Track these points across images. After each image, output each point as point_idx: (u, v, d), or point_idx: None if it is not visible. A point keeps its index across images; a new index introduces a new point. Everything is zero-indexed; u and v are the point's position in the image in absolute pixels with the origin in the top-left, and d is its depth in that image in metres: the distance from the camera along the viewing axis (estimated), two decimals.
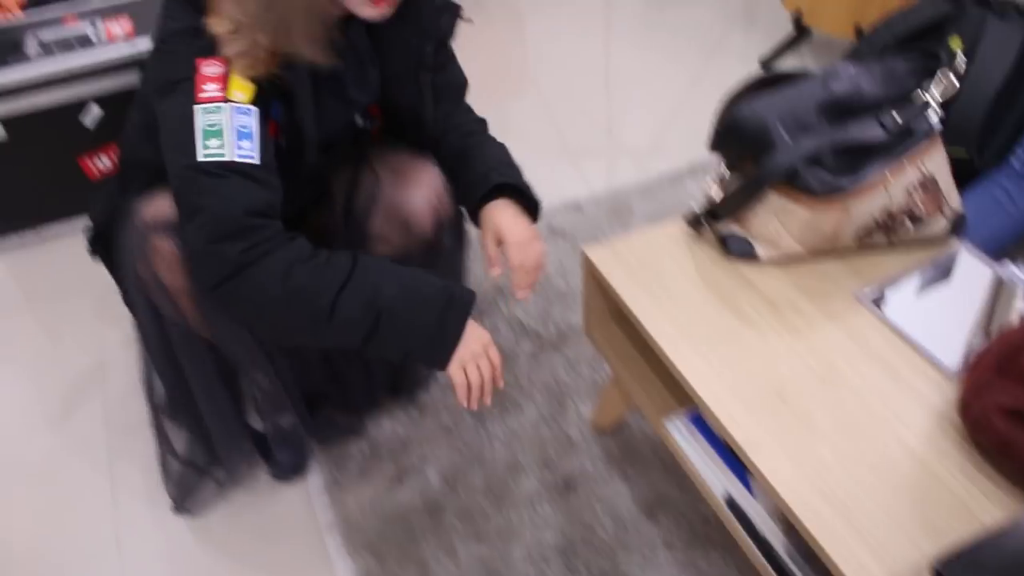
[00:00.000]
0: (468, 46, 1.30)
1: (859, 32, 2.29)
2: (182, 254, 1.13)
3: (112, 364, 1.72)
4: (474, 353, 1.16)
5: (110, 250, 1.31)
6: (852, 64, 1.23)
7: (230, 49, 1.07)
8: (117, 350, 1.74)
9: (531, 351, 1.63)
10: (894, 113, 1.19)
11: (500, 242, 1.27)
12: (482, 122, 1.41)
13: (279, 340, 1.23)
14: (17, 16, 2.12)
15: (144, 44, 1.86)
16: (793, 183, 1.16)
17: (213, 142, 1.06)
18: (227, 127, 1.07)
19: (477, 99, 1.43)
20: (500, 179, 1.30)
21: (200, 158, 1.05)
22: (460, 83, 1.41)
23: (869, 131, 1.19)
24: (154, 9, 1.98)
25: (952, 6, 1.81)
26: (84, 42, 1.88)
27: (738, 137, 1.20)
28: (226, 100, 1.07)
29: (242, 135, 1.07)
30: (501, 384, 1.21)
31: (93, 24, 1.93)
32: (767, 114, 1.17)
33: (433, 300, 1.13)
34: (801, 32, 2.54)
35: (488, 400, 1.20)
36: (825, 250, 1.24)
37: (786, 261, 1.24)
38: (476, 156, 1.34)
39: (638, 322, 1.16)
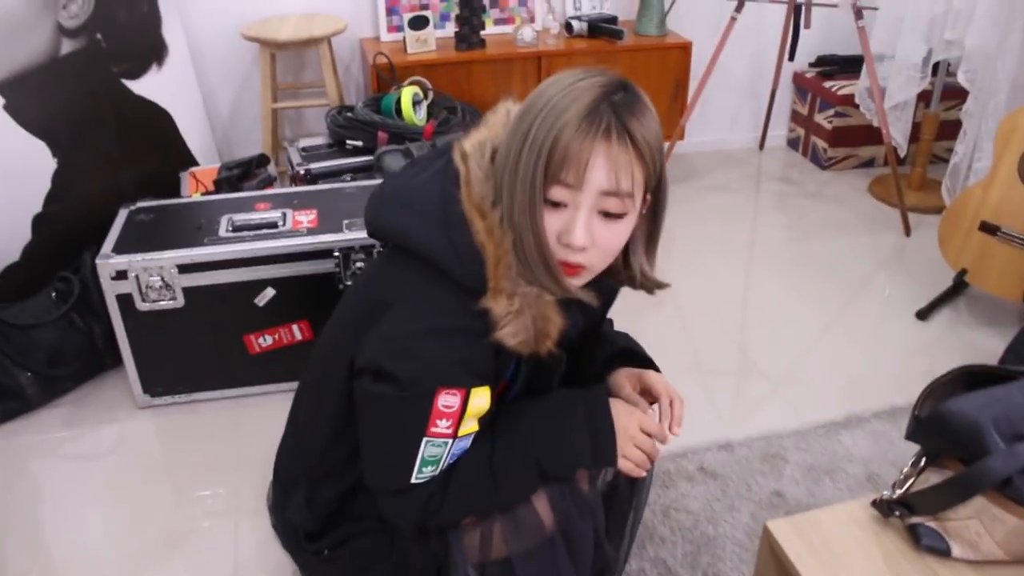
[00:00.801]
0: None
1: None
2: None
3: (241, 531, 1.71)
4: (630, 436, 1.17)
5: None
6: None
7: (510, 330, 1.04)
8: (246, 516, 1.74)
9: None
10: None
11: (639, 387, 1.30)
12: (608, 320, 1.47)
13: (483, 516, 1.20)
14: (209, 191, 2.29)
15: (327, 237, 1.95)
16: (1004, 491, 1.09)
17: (428, 469, 1.10)
18: (447, 455, 1.10)
19: (615, 306, 1.44)
20: (626, 343, 1.37)
21: (413, 481, 1.09)
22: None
23: None
24: (341, 204, 2.14)
25: None
26: (272, 228, 1.99)
27: (946, 434, 1.15)
28: (455, 436, 1.08)
29: (458, 454, 1.12)
30: (677, 430, 1.23)
31: (283, 212, 2.05)
32: (981, 416, 1.11)
33: (574, 416, 1.15)
34: (958, 286, 2.50)
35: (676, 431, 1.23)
36: None
37: (983, 563, 1.15)
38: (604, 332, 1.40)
39: None
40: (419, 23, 2.79)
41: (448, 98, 2.71)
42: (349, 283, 1.98)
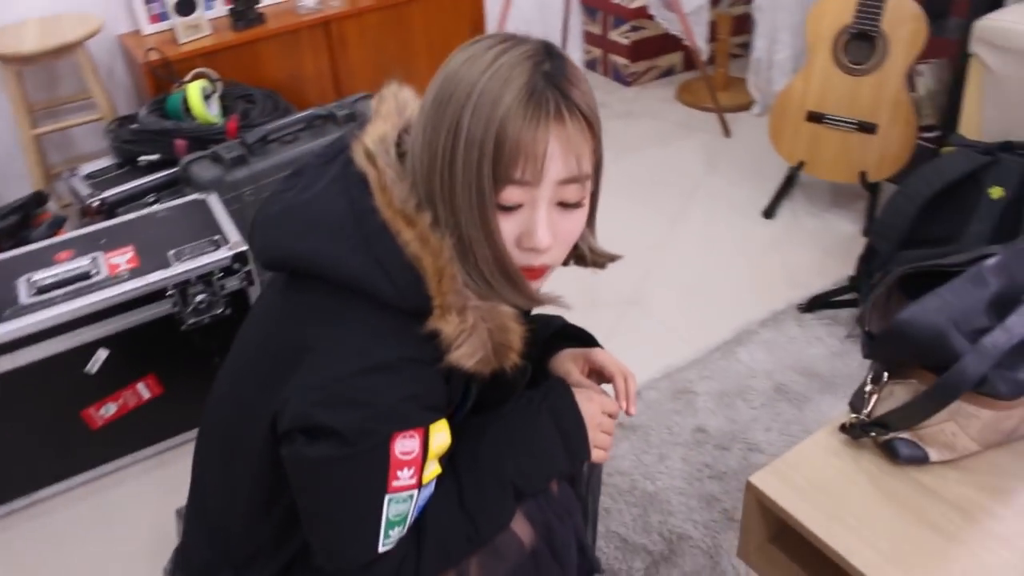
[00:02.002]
0: None
1: (864, 177, 2.31)
2: None
3: None
4: (597, 424, 1.08)
5: None
6: (999, 250, 1.18)
7: (466, 351, 0.88)
8: None
9: (644, 569, 1.47)
10: None
11: (586, 368, 1.19)
12: None
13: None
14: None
15: (155, 276, 1.67)
16: (978, 389, 1.08)
17: (396, 531, 0.92)
18: (413, 509, 0.92)
19: None
20: (562, 321, 1.25)
21: (380, 549, 0.91)
22: None
23: None
24: (158, 232, 1.82)
25: (987, 157, 1.83)
26: (83, 280, 1.67)
27: (909, 345, 1.11)
28: (420, 485, 0.91)
29: (424, 504, 0.95)
30: (633, 410, 1.16)
31: (92, 258, 1.73)
32: (940, 320, 1.09)
33: (540, 424, 1.03)
34: (791, 178, 2.56)
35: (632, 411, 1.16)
36: (1000, 444, 1.16)
37: (958, 459, 1.15)
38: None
39: (826, 546, 1.06)
40: (186, 7, 2.44)
41: (241, 86, 2.41)
42: (192, 322, 1.72)
